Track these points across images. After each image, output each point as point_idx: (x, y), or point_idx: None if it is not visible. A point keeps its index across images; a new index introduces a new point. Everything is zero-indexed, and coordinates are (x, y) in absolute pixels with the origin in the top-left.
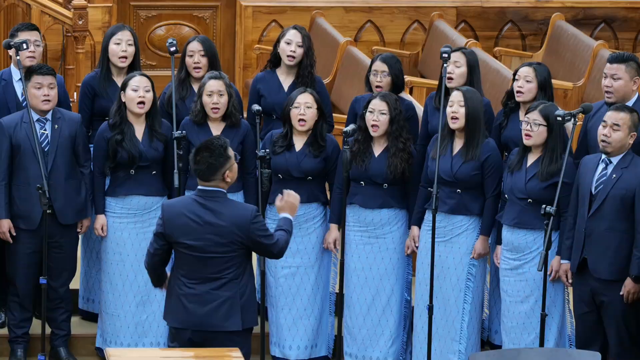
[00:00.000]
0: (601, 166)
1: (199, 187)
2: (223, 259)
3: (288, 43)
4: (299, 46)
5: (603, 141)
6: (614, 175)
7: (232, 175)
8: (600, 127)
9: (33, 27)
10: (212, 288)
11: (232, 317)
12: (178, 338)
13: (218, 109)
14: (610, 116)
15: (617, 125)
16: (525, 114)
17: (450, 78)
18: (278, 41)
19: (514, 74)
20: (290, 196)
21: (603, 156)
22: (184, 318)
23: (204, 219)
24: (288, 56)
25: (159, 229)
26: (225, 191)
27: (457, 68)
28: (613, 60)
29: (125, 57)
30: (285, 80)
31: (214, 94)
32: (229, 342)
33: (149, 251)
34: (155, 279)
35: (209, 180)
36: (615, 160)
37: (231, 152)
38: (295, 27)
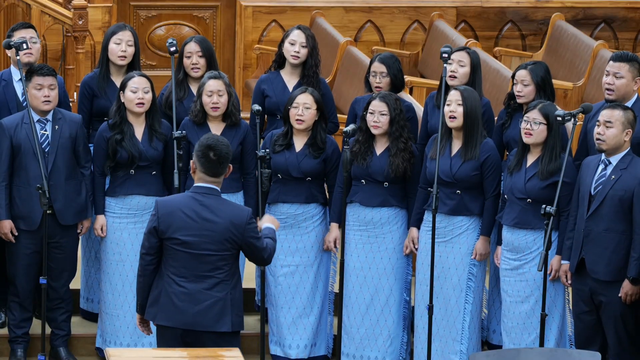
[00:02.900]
0: (600, 167)
1: (197, 184)
2: (216, 257)
3: (292, 43)
4: (303, 46)
5: (598, 139)
6: (613, 176)
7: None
8: (595, 126)
9: (28, 25)
10: (204, 287)
11: (223, 318)
12: (167, 337)
13: (218, 107)
14: (604, 114)
15: (609, 122)
16: (524, 113)
17: (454, 77)
18: (282, 41)
19: (513, 77)
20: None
21: (603, 157)
22: (174, 317)
23: (200, 215)
24: (292, 56)
25: (152, 224)
26: (219, 190)
27: (461, 67)
28: (617, 58)
29: (125, 57)
30: (290, 80)
31: (213, 94)
32: (221, 342)
33: (141, 253)
34: (143, 292)
35: (219, 175)
36: (614, 161)
37: None
38: (299, 27)
